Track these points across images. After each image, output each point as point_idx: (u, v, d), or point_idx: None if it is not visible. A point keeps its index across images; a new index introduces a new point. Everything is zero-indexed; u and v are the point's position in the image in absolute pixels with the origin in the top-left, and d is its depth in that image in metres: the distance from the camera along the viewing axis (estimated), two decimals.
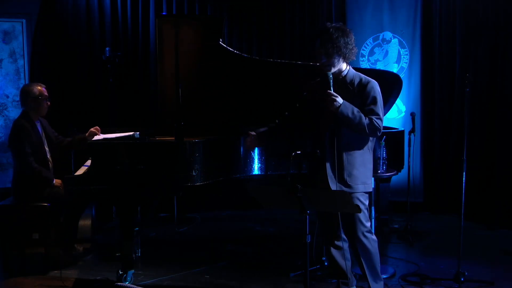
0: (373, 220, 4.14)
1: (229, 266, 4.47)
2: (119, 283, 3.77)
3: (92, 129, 4.52)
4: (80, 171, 3.99)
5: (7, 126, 5.63)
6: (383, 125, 3.31)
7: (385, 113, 5.12)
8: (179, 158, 3.73)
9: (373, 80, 3.30)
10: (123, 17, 6.04)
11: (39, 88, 4.52)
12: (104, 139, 4.07)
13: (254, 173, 4.22)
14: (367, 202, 3.41)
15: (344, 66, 3.31)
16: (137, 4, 6.08)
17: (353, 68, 3.41)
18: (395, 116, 6.23)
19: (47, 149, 4.54)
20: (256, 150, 4.23)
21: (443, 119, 6.07)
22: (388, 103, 5.09)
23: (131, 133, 4.12)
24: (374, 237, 3.43)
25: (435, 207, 6.15)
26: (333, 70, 3.27)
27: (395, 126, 5.62)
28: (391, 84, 4.95)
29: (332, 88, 3.20)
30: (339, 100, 3.17)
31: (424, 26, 6.14)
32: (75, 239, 4.59)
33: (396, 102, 5.62)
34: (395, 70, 6.05)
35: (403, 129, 5.15)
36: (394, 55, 6.28)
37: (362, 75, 3.32)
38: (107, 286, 3.94)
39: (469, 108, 3.96)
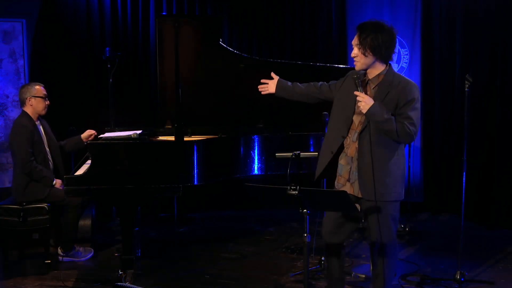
0: None
1: (229, 266, 4.47)
2: (119, 283, 3.77)
3: (88, 131, 4.52)
4: (80, 171, 3.99)
5: (7, 126, 5.63)
6: None
7: None
8: (179, 158, 3.73)
9: (413, 83, 3.08)
10: (123, 17, 6.04)
11: (37, 87, 4.53)
12: (107, 138, 4.08)
13: (254, 173, 4.23)
14: (397, 214, 3.15)
15: (382, 67, 3.10)
16: (137, 4, 6.08)
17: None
18: None
19: (47, 149, 4.54)
20: (256, 150, 4.23)
21: (443, 119, 6.07)
22: None
23: (131, 132, 4.13)
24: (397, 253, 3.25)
25: (435, 207, 6.15)
26: (365, 68, 3.09)
27: None
28: None
29: (359, 87, 3.02)
30: (368, 101, 2.96)
31: (424, 26, 6.14)
32: (75, 239, 4.58)
33: None
34: (395, 70, 6.03)
35: None
36: (394, 55, 6.26)
37: (403, 77, 3.11)
38: (107, 286, 3.93)
39: (469, 108, 3.96)
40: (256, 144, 4.23)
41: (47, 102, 4.57)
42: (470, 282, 3.95)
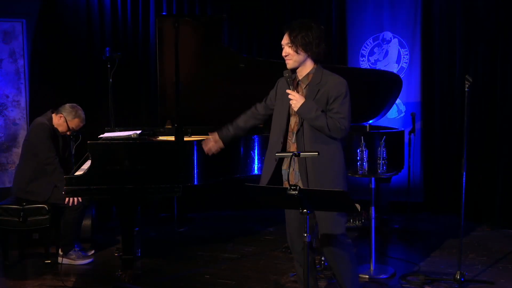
0: (373, 220, 4.14)
1: (229, 266, 4.47)
2: (119, 283, 3.78)
3: None
4: (80, 171, 3.99)
5: (7, 126, 5.63)
6: (384, 125, 3.15)
7: (385, 113, 5.15)
8: (179, 158, 3.73)
9: (342, 80, 3.14)
10: (123, 17, 6.04)
11: (76, 119, 4.55)
12: (107, 138, 4.08)
13: (254, 173, 4.23)
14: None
15: (311, 65, 3.17)
16: (137, 4, 6.08)
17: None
18: (395, 116, 6.23)
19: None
20: (256, 150, 4.23)
21: (443, 119, 6.07)
22: (388, 103, 5.10)
23: (131, 132, 4.13)
24: (349, 240, 3.27)
25: (435, 207, 6.14)
26: (296, 65, 3.17)
27: (395, 126, 5.62)
28: (391, 84, 4.96)
29: (290, 86, 3.11)
30: (299, 99, 3.06)
31: (424, 26, 6.14)
32: (76, 240, 4.57)
33: (396, 102, 5.62)
34: (395, 70, 6.04)
35: (403, 129, 5.15)
36: (394, 55, 6.27)
37: (332, 75, 3.16)
38: (107, 286, 3.93)
39: (469, 108, 3.96)
40: (256, 144, 4.23)
41: (68, 133, 4.58)
42: (470, 282, 3.95)
